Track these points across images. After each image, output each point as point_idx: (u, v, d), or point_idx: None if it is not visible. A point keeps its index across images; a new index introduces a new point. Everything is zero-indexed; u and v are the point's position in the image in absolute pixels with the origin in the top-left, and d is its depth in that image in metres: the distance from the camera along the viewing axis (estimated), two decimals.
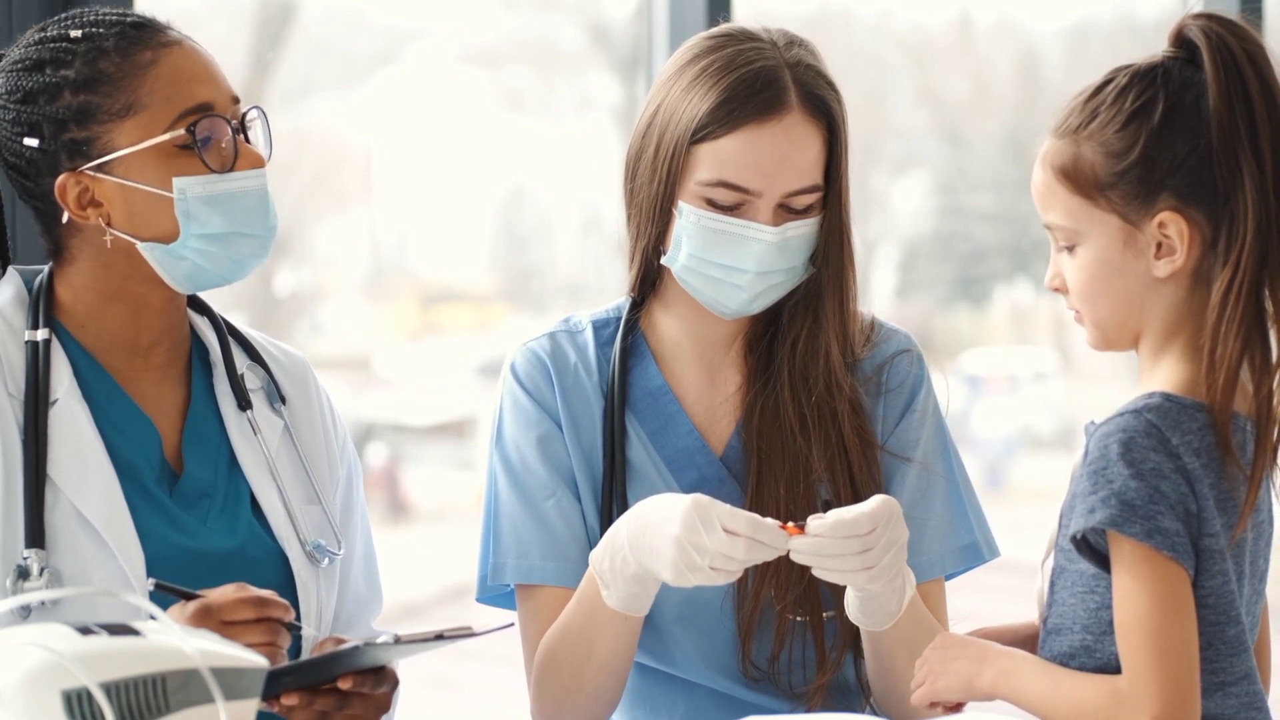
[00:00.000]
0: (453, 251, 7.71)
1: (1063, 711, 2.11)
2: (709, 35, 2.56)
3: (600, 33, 7.20)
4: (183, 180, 2.39)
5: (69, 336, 2.45)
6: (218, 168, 2.40)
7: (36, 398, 2.39)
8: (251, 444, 2.49)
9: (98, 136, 2.39)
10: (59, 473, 2.37)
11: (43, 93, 2.40)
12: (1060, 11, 7.34)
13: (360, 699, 2.27)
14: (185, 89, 2.40)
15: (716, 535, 2.28)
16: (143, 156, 2.39)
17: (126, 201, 2.39)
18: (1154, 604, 2.06)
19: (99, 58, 2.39)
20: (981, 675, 2.17)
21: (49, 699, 1.72)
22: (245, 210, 2.42)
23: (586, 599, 2.44)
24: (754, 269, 2.50)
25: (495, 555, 2.56)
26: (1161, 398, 2.11)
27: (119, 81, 2.39)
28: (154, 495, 2.42)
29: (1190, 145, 2.12)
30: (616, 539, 2.38)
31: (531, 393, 2.59)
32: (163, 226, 2.40)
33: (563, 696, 2.49)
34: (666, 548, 2.31)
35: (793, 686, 2.55)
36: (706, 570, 2.30)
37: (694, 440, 2.59)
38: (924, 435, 2.60)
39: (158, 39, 2.42)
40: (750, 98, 2.48)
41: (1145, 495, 2.06)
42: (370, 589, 2.64)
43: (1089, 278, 2.16)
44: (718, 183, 2.48)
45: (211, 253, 2.41)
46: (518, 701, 2.67)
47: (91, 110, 2.39)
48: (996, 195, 7.70)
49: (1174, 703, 2.05)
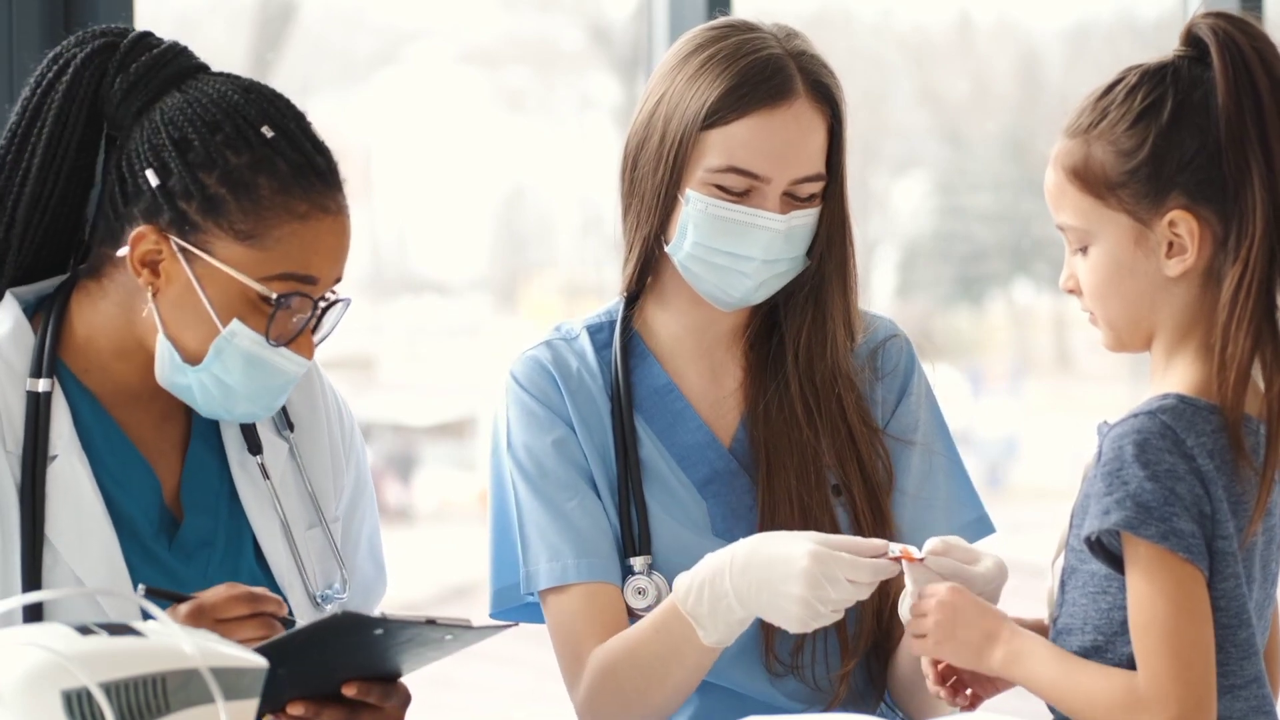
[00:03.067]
0: (453, 251, 7.72)
1: (1074, 702, 2.11)
2: (710, 27, 2.57)
3: (600, 33, 7.20)
4: (239, 326, 2.30)
5: (72, 379, 2.38)
6: (275, 337, 2.31)
7: (35, 453, 2.32)
8: (257, 485, 2.44)
9: (206, 231, 2.30)
10: (56, 533, 2.32)
11: (197, 153, 2.30)
12: (1060, 11, 7.34)
13: (369, 711, 2.23)
14: (307, 258, 2.31)
15: (842, 588, 2.30)
16: (225, 279, 2.30)
17: (182, 297, 2.31)
18: (1170, 607, 2.05)
19: (264, 171, 2.30)
20: (992, 653, 2.16)
21: (49, 699, 1.72)
22: (267, 385, 2.34)
23: (671, 632, 2.43)
24: (761, 257, 2.50)
25: (527, 563, 2.56)
26: (1175, 399, 2.10)
27: (262, 208, 2.29)
28: (153, 553, 2.38)
29: (1199, 143, 2.11)
30: (718, 587, 2.37)
31: (540, 398, 2.59)
32: (193, 343, 2.32)
33: (623, 710, 2.49)
34: (791, 606, 2.32)
35: (816, 679, 2.55)
36: (829, 616, 2.33)
37: (703, 435, 2.60)
38: (922, 417, 2.62)
39: (323, 198, 2.32)
40: (761, 83, 2.50)
41: (1160, 497, 2.06)
42: (376, 570, 2.61)
43: (1101, 278, 2.15)
44: (728, 168, 2.49)
45: (211, 393, 2.34)
46: (518, 701, 2.66)
47: (221, 208, 2.29)
48: (996, 195, 7.70)
49: (1191, 704, 2.05)
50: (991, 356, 8.29)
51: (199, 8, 4.71)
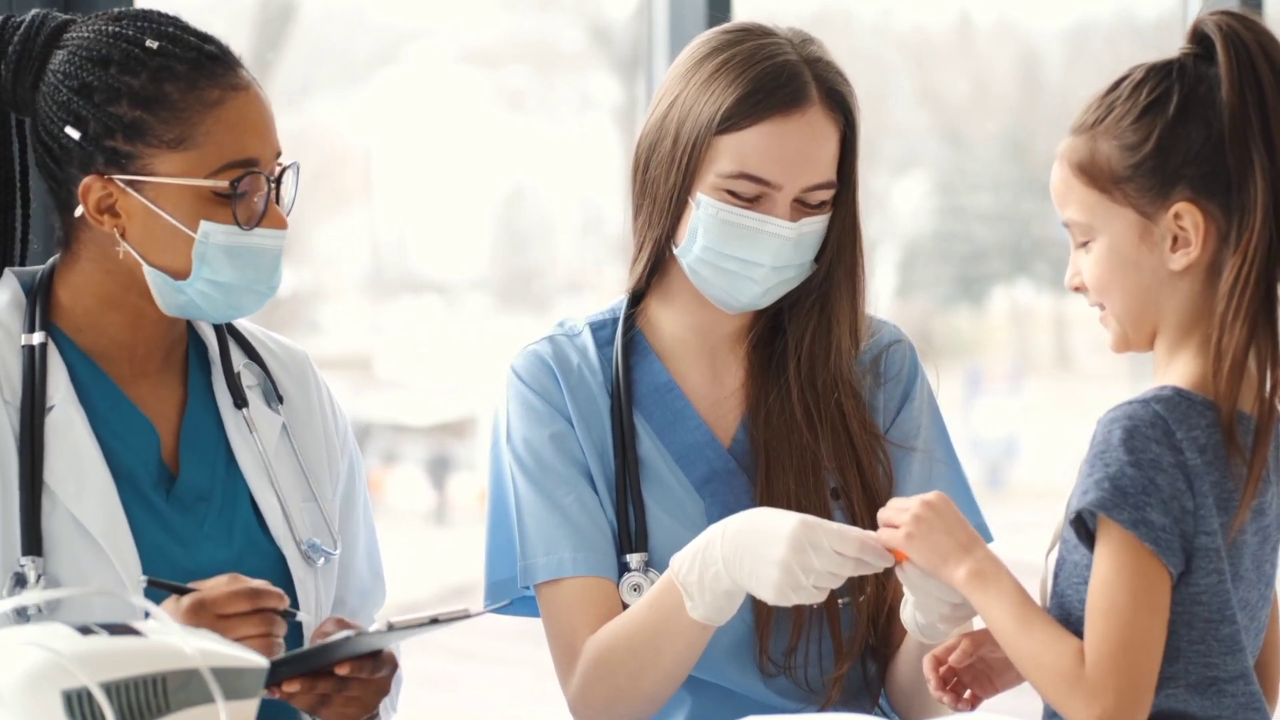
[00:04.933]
0: (453, 251, 7.71)
1: (1019, 650, 2.11)
2: (725, 30, 2.57)
3: (600, 33, 7.19)
4: (209, 226, 2.37)
5: (66, 340, 2.44)
6: (245, 222, 2.38)
7: (33, 404, 2.38)
8: (248, 442, 2.49)
9: (140, 155, 2.37)
10: (55, 480, 2.37)
11: (101, 91, 2.38)
12: (1060, 11, 7.33)
13: (359, 683, 2.28)
14: (240, 140, 2.38)
15: (826, 557, 2.29)
16: (177, 190, 2.37)
17: (146, 224, 2.38)
18: (1128, 597, 2.06)
19: (167, 79, 2.38)
20: (957, 567, 2.16)
21: (49, 699, 1.72)
22: (258, 267, 2.41)
23: (662, 606, 2.43)
24: (770, 263, 2.51)
25: (524, 556, 2.56)
26: (1172, 391, 2.11)
27: (179, 112, 2.37)
28: (151, 501, 2.42)
29: (1205, 136, 2.13)
30: (709, 555, 2.37)
31: (540, 393, 2.60)
32: (175, 260, 2.39)
33: (614, 697, 2.49)
34: (771, 570, 2.31)
35: (809, 680, 2.55)
36: (809, 589, 2.31)
37: (703, 434, 2.60)
38: (923, 423, 2.62)
39: (228, 79, 2.40)
40: (775, 90, 2.50)
41: (1139, 484, 2.06)
42: (374, 579, 2.64)
43: (1104, 271, 2.16)
44: (739, 174, 2.50)
45: (213, 297, 2.40)
46: (518, 701, 2.67)
47: (143, 129, 2.37)
48: (996, 195, 7.70)
49: (1129, 697, 2.05)
50: (991, 356, 8.29)
51: (199, 8, 4.72)
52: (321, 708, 2.29)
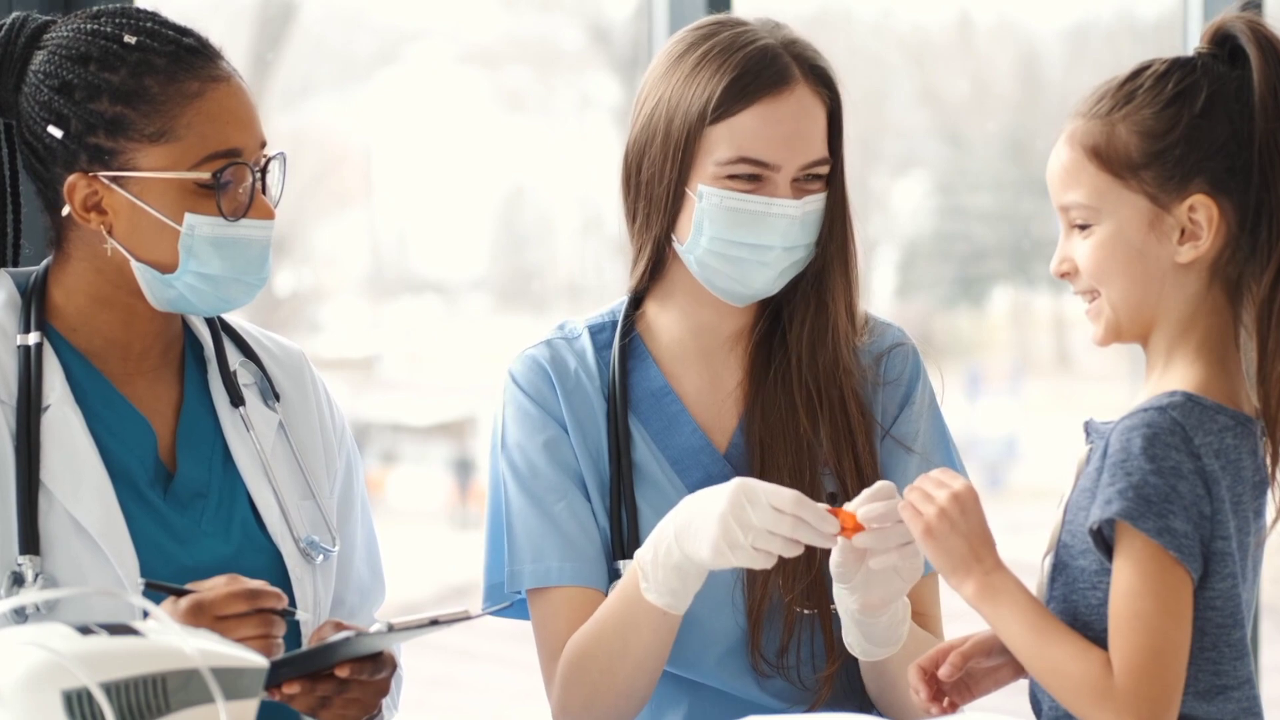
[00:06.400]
0: (453, 251, 7.71)
1: (1040, 665, 2.10)
2: (696, 27, 2.58)
3: (600, 33, 7.20)
4: (194, 218, 2.38)
5: (61, 340, 2.44)
6: (230, 213, 2.39)
7: (29, 404, 2.38)
8: (245, 440, 2.49)
9: (123, 150, 2.38)
10: (52, 479, 2.37)
11: (81, 88, 2.38)
12: (1060, 11, 7.34)
13: (359, 685, 2.29)
14: (221, 131, 2.39)
15: (763, 511, 2.29)
16: (161, 184, 2.38)
17: (132, 219, 2.39)
18: (1156, 605, 2.05)
19: (146, 73, 2.38)
20: (966, 578, 2.14)
21: (49, 699, 1.72)
22: (246, 258, 2.41)
23: (625, 595, 2.44)
24: (781, 244, 2.51)
25: (512, 562, 2.57)
26: (1184, 397, 2.10)
27: (160, 105, 2.38)
28: (148, 499, 2.42)
29: (1230, 132, 2.13)
30: (663, 532, 2.39)
31: (535, 398, 2.60)
32: (163, 254, 2.39)
33: (592, 695, 2.49)
34: (711, 525, 2.31)
35: (802, 680, 2.55)
36: (748, 549, 2.30)
37: (698, 439, 2.60)
38: (922, 428, 2.62)
39: (208, 70, 2.40)
40: (761, 72, 2.51)
41: (1162, 493, 2.06)
42: (373, 578, 2.64)
43: (1106, 255, 2.15)
44: (739, 159, 2.50)
45: (202, 290, 2.41)
46: (517, 701, 2.68)
47: (124, 124, 2.37)
48: (996, 195, 7.70)
49: (1162, 705, 2.05)
50: (991, 356, 8.29)
51: (199, 8, 4.72)
52: (321, 710, 2.29)
